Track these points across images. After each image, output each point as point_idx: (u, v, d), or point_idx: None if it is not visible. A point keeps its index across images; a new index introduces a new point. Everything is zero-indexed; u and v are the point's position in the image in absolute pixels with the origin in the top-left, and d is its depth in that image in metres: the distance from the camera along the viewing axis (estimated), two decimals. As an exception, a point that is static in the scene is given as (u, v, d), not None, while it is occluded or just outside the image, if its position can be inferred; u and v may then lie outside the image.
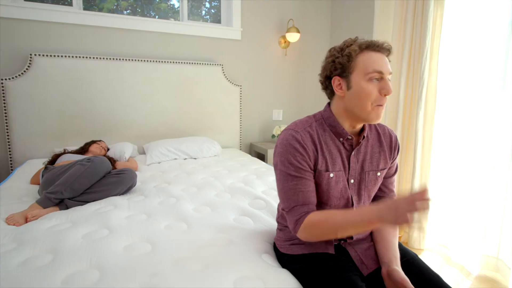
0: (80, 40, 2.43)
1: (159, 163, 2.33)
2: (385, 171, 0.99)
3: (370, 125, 0.99)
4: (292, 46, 3.20)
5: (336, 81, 0.89)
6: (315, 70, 3.39)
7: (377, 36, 2.37)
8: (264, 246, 1.05)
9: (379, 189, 1.03)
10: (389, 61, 0.90)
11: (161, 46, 2.70)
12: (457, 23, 1.95)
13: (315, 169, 0.90)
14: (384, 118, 2.41)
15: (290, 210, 0.88)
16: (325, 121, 0.94)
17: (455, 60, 1.97)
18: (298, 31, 2.91)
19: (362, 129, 0.95)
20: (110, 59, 2.46)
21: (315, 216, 0.85)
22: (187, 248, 1.01)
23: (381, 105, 0.87)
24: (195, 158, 2.48)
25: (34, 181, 1.79)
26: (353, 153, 0.93)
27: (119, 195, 1.58)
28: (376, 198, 1.03)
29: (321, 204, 0.95)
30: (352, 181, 0.94)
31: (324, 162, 0.90)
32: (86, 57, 2.38)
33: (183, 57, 2.79)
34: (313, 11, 3.26)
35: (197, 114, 2.82)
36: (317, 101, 3.45)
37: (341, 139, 0.92)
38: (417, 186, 2.06)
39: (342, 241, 0.96)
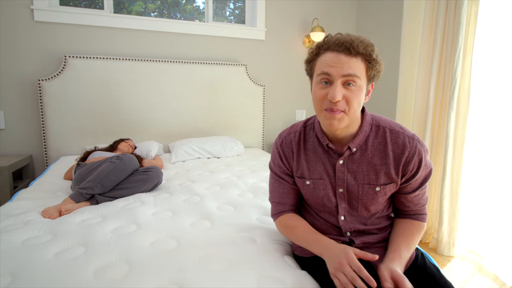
0: (110, 42, 2.53)
1: (183, 161, 2.38)
2: (391, 186, 0.86)
3: (376, 132, 0.85)
4: (317, 45, 3.16)
5: (311, 83, 0.88)
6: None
7: (406, 34, 2.30)
8: (285, 247, 1.05)
9: (401, 204, 0.92)
10: (373, 58, 0.77)
11: (186, 47, 2.76)
12: (494, 21, 1.85)
13: (292, 174, 0.96)
14: (412, 119, 2.33)
15: (271, 203, 1.02)
16: (314, 126, 0.93)
17: (491, 59, 1.87)
18: (323, 30, 2.87)
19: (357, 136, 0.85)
20: (138, 60, 2.54)
21: (287, 220, 0.96)
22: (211, 246, 1.02)
23: (331, 110, 0.77)
24: (218, 157, 2.51)
25: (67, 176, 1.88)
26: (340, 162, 0.86)
27: (146, 192, 1.63)
28: (400, 212, 0.94)
29: (307, 206, 0.99)
30: (341, 190, 0.89)
31: (299, 169, 0.93)
32: (116, 58, 2.47)
33: (208, 58, 2.84)
34: (338, 10, 3.20)
35: (220, 114, 2.85)
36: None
37: (325, 147, 0.89)
38: (447, 191, 1.97)
39: (351, 245, 0.93)
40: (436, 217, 2.14)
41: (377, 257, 0.75)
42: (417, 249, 0.96)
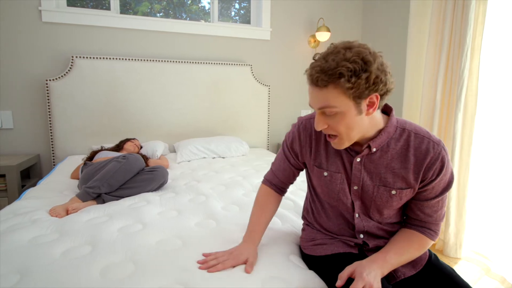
0: (117, 42, 2.55)
1: (189, 161, 2.38)
2: (407, 191, 0.83)
3: (400, 135, 0.83)
4: (322, 45, 3.15)
5: None
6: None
7: (413, 33, 2.28)
8: (291, 247, 1.05)
9: (412, 211, 0.88)
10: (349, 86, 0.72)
11: (192, 47, 2.77)
12: (502, 20, 1.82)
13: (305, 160, 0.96)
14: (418, 120, 2.31)
15: (270, 167, 1.08)
16: None
17: (499, 59, 1.85)
18: (328, 30, 2.86)
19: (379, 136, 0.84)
20: (143, 60, 2.55)
21: (262, 192, 1.05)
22: (216, 245, 1.02)
23: (328, 135, 0.81)
24: (223, 157, 2.52)
25: (74, 176, 1.90)
26: (357, 159, 0.85)
27: (152, 191, 1.64)
28: (408, 221, 0.91)
29: (322, 199, 0.98)
30: (355, 187, 0.88)
31: (318, 158, 0.92)
32: (122, 59, 2.49)
33: (213, 58, 2.84)
34: (344, 9, 3.19)
35: (225, 114, 2.85)
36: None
37: None
38: (454, 193, 1.95)
39: (365, 247, 0.93)
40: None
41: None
42: (429, 250, 0.95)
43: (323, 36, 2.90)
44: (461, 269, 1.83)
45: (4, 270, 0.87)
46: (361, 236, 0.92)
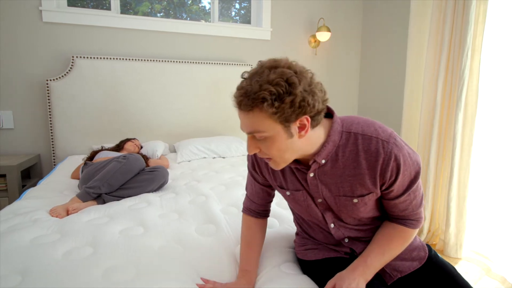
0: (117, 42, 2.55)
1: (189, 161, 2.38)
2: (370, 196, 0.79)
3: (346, 140, 0.77)
4: (322, 45, 3.15)
5: None
6: (345, 70, 3.31)
7: (413, 34, 2.27)
8: (288, 249, 1.04)
9: (386, 208, 0.85)
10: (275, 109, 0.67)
11: (192, 47, 2.77)
12: (502, 20, 1.82)
13: (269, 180, 0.95)
14: (419, 120, 2.31)
15: (246, 193, 1.03)
16: None
17: (499, 60, 1.85)
18: (328, 30, 2.86)
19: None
20: (143, 60, 2.55)
21: (247, 224, 1.00)
22: (216, 251, 1.02)
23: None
24: (223, 157, 2.52)
25: (74, 176, 1.90)
26: (311, 174, 0.80)
27: (152, 192, 1.64)
28: (388, 215, 0.87)
29: (298, 215, 0.99)
30: (320, 200, 0.84)
31: (277, 179, 0.90)
32: (122, 59, 2.49)
33: (214, 58, 2.84)
34: (344, 9, 3.19)
35: (226, 114, 2.85)
36: (347, 101, 3.37)
37: (289, 167, 0.86)
38: (455, 193, 1.95)
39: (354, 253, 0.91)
40: (443, 218, 2.12)
41: None
42: (429, 247, 0.93)
43: (324, 36, 2.90)
44: (462, 269, 1.83)
45: (5, 271, 0.87)
46: (346, 241, 0.89)
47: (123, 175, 1.56)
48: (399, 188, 0.77)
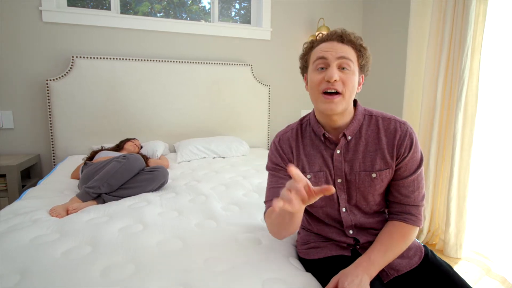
0: (117, 42, 2.55)
1: (189, 161, 2.38)
2: (387, 172, 0.87)
3: (369, 121, 0.90)
4: (322, 45, 3.15)
5: (305, 79, 0.95)
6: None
7: (413, 33, 2.27)
8: (291, 248, 1.05)
9: (391, 194, 0.91)
10: (360, 45, 0.86)
11: (192, 47, 2.77)
12: (503, 20, 1.82)
13: None
14: (419, 119, 2.31)
15: (265, 204, 0.99)
16: (310, 121, 0.96)
17: (499, 59, 1.85)
18: (328, 30, 2.86)
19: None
20: (143, 60, 2.55)
21: (270, 211, 0.96)
22: (216, 246, 1.02)
23: (327, 93, 0.83)
24: (223, 157, 2.52)
25: (74, 175, 1.90)
26: (337, 151, 0.89)
27: (152, 191, 1.64)
28: (391, 211, 0.92)
29: (308, 206, 0.98)
30: (339, 180, 0.90)
31: (299, 164, 0.94)
32: (122, 59, 2.49)
33: (214, 58, 2.84)
34: (344, 9, 3.19)
35: (226, 114, 2.85)
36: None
37: (322, 138, 0.91)
38: (455, 193, 1.95)
39: (357, 247, 0.93)
40: (443, 218, 2.12)
41: (332, 189, 0.65)
42: (426, 247, 0.95)
43: (324, 36, 2.90)
44: (462, 269, 1.83)
45: (5, 270, 0.87)
46: (351, 232, 0.92)
47: (122, 175, 1.56)
48: (408, 168, 0.87)
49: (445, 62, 2.01)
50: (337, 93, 0.83)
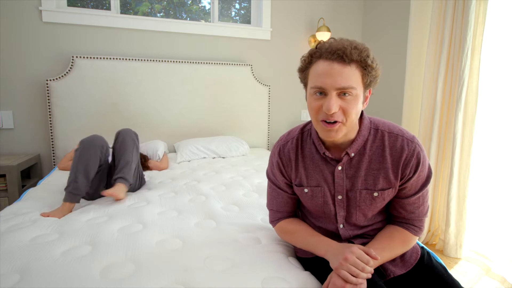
0: (117, 42, 2.55)
1: (189, 161, 2.39)
2: (389, 191, 0.83)
3: (374, 135, 0.83)
4: (322, 45, 3.15)
5: (305, 90, 0.86)
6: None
7: (413, 34, 2.27)
8: (290, 247, 1.05)
9: (394, 209, 0.89)
10: (369, 64, 0.74)
11: (192, 47, 2.77)
12: (503, 20, 1.82)
13: (291, 182, 0.94)
14: (419, 120, 2.31)
15: (269, 210, 1.01)
16: (311, 132, 0.90)
17: (499, 59, 1.85)
18: (329, 30, 2.86)
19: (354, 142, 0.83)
20: (144, 60, 2.55)
21: (286, 225, 0.96)
22: (216, 246, 1.02)
23: (328, 123, 0.75)
24: (223, 157, 2.52)
25: (62, 166, 1.90)
26: (339, 168, 0.84)
27: (137, 147, 1.66)
28: (393, 218, 0.91)
29: (305, 213, 0.99)
30: (339, 197, 0.87)
31: (298, 177, 0.91)
32: (122, 59, 2.49)
33: (214, 58, 2.84)
34: (345, 9, 3.19)
35: (226, 114, 2.85)
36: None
37: (323, 154, 0.86)
38: (455, 193, 1.95)
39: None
40: (443, 218, 2.12)
41: (378, 258, 0.75)
42: (422, 248, 0.95)
43: (324, 36, 2.90)
44: (462, 269, 1.83)
45: (4, 270, 0.87)
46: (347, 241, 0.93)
47: (86, 157, 1.45)
48: (414, 187, 0.83)
49: (445, 62, 2.01)
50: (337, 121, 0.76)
